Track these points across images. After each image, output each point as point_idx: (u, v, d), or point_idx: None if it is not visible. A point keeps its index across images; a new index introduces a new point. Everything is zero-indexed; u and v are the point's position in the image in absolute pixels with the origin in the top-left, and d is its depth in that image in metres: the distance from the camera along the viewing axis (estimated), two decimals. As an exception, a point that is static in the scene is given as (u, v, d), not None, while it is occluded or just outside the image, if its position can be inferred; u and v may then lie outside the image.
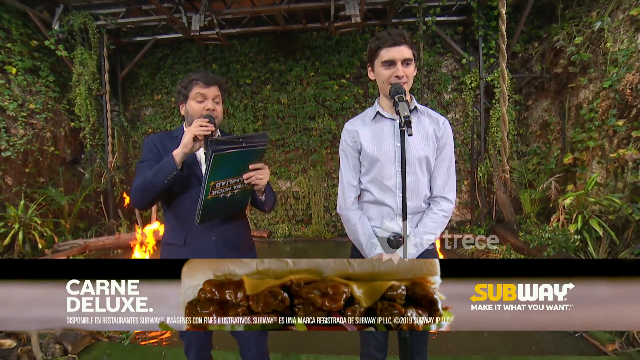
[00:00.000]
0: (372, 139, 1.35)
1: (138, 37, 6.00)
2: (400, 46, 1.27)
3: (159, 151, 1.43)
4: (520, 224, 4.81)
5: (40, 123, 5.21)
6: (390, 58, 1.27)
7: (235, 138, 1.24)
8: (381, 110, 1.37)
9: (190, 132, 1.28)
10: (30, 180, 5.15)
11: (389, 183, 1.32)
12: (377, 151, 1.33)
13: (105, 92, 5.72)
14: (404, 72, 1.27)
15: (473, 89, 5.46)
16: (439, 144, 1.35)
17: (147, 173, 1.32)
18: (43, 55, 5.39)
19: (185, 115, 1.46)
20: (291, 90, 5.91)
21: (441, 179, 1.36)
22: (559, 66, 4.41)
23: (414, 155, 1.31)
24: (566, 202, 3.60)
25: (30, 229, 4.60)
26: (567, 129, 4.61)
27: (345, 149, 1.41)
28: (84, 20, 5.28)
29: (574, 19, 4.25)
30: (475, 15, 5.16)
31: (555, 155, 4.78)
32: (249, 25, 5.64)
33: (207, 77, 1.41)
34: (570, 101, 4.47)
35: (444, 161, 1.36)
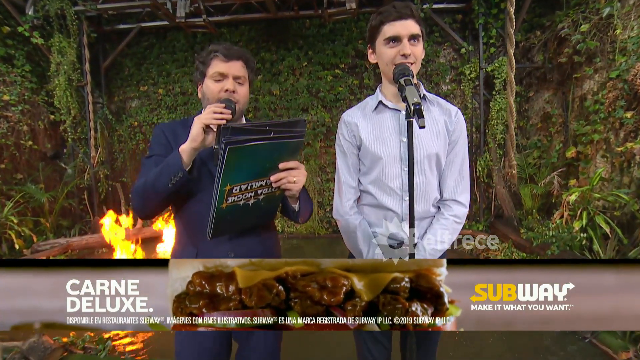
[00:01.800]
0: (374, 133, 1.14)
1: (121, 25, 5.68)
2: (406, 20, 1.06)
3: (169, 143, 1.14)
4: (521, 220, 4.66)
5: (15, 116, 4.90)
6: (395, 34, 1.06)
7: (259, 125, 0.92)
8: (384, 99, 1.16)
9: (200, 121, 1.00)
10: (7, 176, 4.86)
11: (394, 185, 1.12)
12: (379, 147, 1.12)
13: (86, 83, 5.41)
14: (411, 50, 1.06)
15: (472, 80, 5.27)
16: (451, 138, 1.15)
17: (150, 172, 1.06)
18: (17, 42, 5.06)
19: (202, 99, 1.18)
20: (283, 81, 5.66)
21: (453, 180, 1.15)
22: (563, 55, 4.23)
23: (423, 153, 1.11)
24: (571, 199, 3.45)
25: (6, 229, 4.33)
26: (570, 122, 4.44)
27: (343, 145, 1.20)
28: (61, 5, 4.94)
29: (579, 6, 4.05)
30: (475, 2, 4.94)
31: (557, 149, 4.62)
32: (239, 12, 5.35)
33: (229, 50, 1.13)
34: (574, 92, 4.29)
35: (456, 158, 1.16)
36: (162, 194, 1.02)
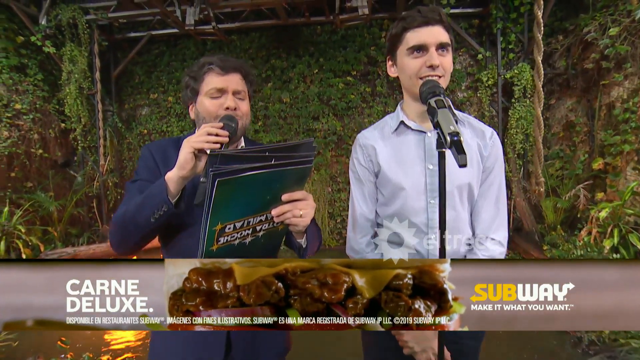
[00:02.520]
0: (395, 159, 0.98)
1: (132, 33, 5.67)
2: (433, 26, 0.90)
3: (158, 167, 0.99)
4: (543, 235, 4.40)
5: (27, 124, 4.91)
6: (421, 42, 0.90)
7: (257, 150, 0.75)
8: (406, 119, 1.00)
9: (189, 145, 0.83)
10: (17, 185, 4.85)
11: (418, 220, 0.95)
12: (401, 176, 0.96)
13: (96, 91, 5.41)
14: (440, 60, 0.90)
15: (490, 87, 5.05)
16: (486, 164, 0.98)
17: (131, 201, 0.90)
18: (31, 52, 5.08)
19: (195, 119, 1.02)
20: (294, 89, 5.54)
21: (488, 213, 0.98)
22: (589, 61, 3.99)
23: (453, 183, 0.94)
24: (601, 215, 3.20)
25: (14, 238, 4.30)
26: (596, 131, 4.18)
27: (358, 171, 1.04)
28: (73, 14, 4.95)
29: (607, 8, 3.82)
30: (493, 6, 4.74)
31: (582, 160, 4.36)
32: (249, 19, 5.28)
33: (225, 61, 0.98)
34: (601, 100, 4.04)
35: (491, 188, 0.98)
36: (143, 229, 0.87)
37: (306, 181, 0.90)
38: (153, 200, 0.85)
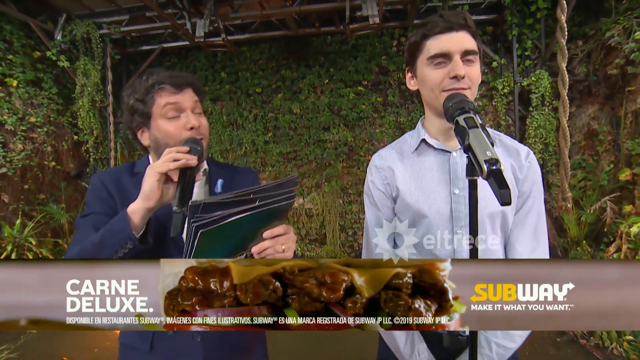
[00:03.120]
0: (415, 182, 0.86)
1: (144, 46, 5.75)
2: (458, 32, 0.79)
3: (112, 198, 0.91)
4: (566, 250, 4.17)
5: (41, 137, 4.97)
6: (443, 50, 0.80)
7: (241, 195, 0.71)
8: (427, 137, 0.89)
9: (154, 172, 0.75)
10: (30, 197, 4.89)
11: (443, 253, 0.83)
12: (422, 201, 0.84)
13: (109, 104, 5.46)
14: (466, 71, 0.79)
15: (505, 95, 4.89)
16: (522, 189, 0.85)
17: (87, 240, 0.81)
18: (47, 66, 5.19)
19: (151, 145, 0.92)
20: (304, 99, 5.49)
21: (524, 245, 0.85)
22: (612, 67, 3.81)
23: (483, 211, 0.81)
24: (633, 231, 2.98)
25: (25, 250, 4.31)
26: (621, 140, 3.97)
27: (373, 195, 0.93)
28: (87, 29, 5.05)
29: (632, 11, 3.64)
30: (508, 12, 4.62)
31: (607, 170, 4.13)
32: (259, 30, 5.28)
33: (176, 77, 0.89)
34: (627, 107, 3.84)
35: (529, 216, 0.86)
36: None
37: (287, 215, 0.83)
38: (115, 237, 0.76)
